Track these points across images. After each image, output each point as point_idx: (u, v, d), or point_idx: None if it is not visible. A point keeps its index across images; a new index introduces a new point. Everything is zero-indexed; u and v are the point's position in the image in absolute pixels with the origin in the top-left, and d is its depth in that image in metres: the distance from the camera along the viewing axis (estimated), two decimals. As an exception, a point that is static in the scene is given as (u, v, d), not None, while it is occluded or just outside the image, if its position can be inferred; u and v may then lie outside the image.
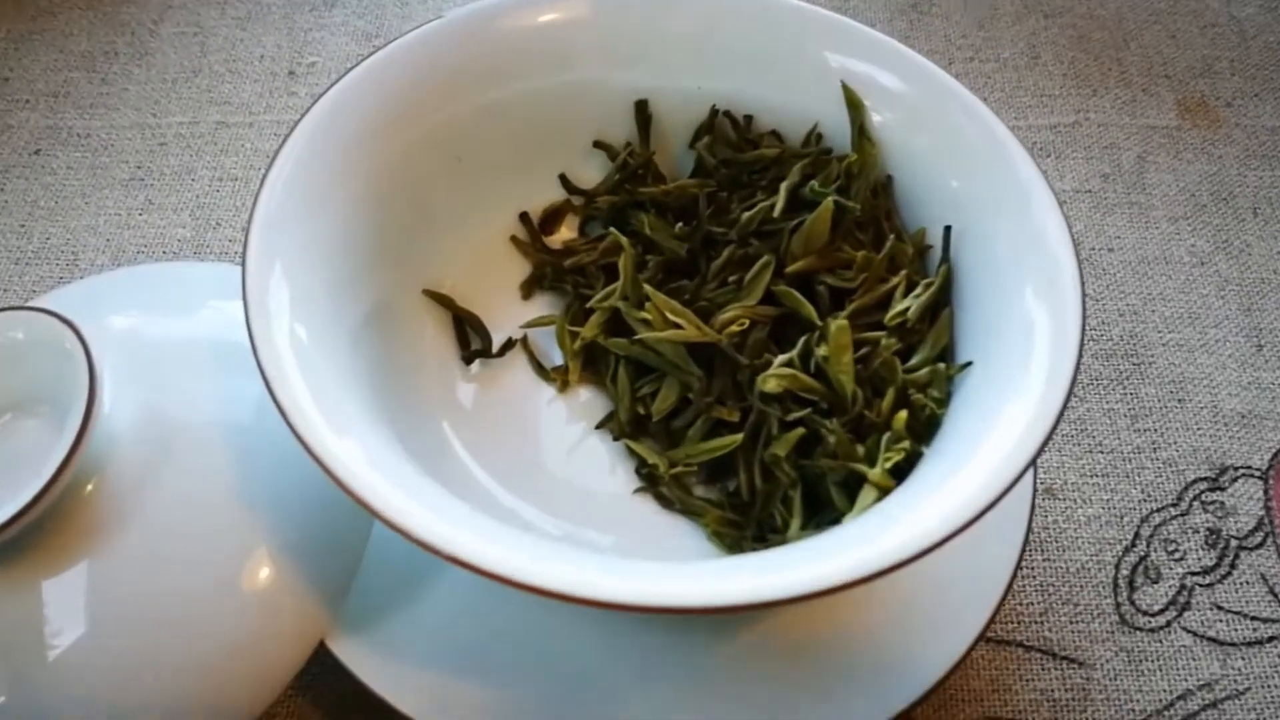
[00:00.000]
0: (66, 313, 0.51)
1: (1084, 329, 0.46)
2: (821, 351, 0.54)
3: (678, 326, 0.56)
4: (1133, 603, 0.61)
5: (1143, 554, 0.63)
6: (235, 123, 0.80)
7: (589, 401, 0.58)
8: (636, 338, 0.56)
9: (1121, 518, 0.63)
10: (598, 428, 0.59)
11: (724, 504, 0.55)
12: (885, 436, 0.51)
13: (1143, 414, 0.67)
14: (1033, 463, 0.45)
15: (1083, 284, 0.48)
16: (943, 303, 0.56)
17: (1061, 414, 0.44)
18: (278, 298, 0.47)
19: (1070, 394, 0.45)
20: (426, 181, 0.56)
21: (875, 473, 0.50)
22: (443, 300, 0.58)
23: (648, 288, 0.56)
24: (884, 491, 0.50)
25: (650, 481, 0.57)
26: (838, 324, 0.54)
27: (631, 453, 0.58)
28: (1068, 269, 0.48)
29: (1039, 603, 0.62)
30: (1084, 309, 0.47)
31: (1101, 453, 0.67)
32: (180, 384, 0.56)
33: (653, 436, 0.59)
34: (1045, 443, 0.44)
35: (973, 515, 0.42)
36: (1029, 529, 0.56)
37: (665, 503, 0.57)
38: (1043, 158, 0.80)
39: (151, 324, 0.59)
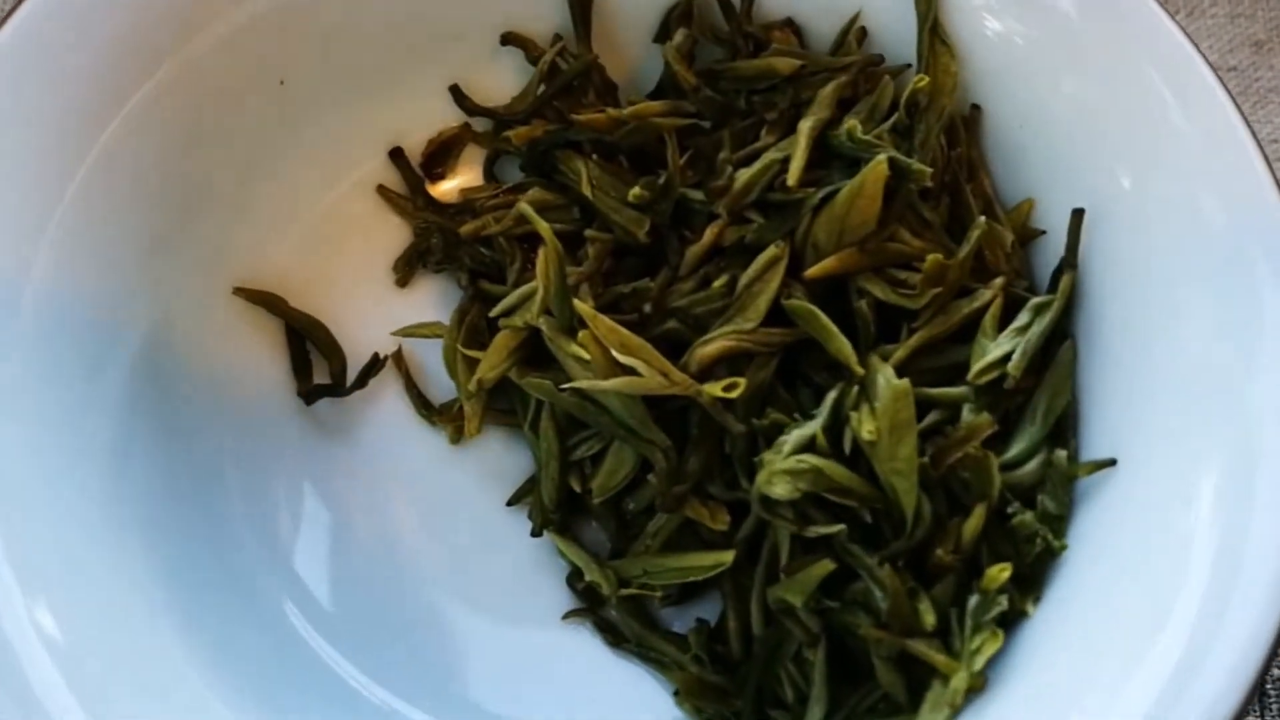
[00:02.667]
0: None
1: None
2: (864, 428, 0.33)
3: (630, 371, 0.34)
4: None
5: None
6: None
7: (499, 452, 0.41)
8: (569, 385, 0.35)
9: None
10: (511, 504, 0.39)
11: (702, 656, 0.36)
12: (972, 603, 0.31)
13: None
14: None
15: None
16: (1061, 332, 0.35)
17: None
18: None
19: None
20: (229, 120, 0.39)
21: (959, 677, 0.30)
22: (267, 302, 0.37)
23: (582, 307, 0.35)
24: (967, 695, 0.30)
25: (589, 600, 0.38)
26: (894, 386, 0.33)
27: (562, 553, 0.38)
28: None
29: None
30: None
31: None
32: None
33: (595, 519, 0.38)
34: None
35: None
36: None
37: (613, 636, 0.37)
38: (1167, 15, 0.57)
39: None
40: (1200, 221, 0.31)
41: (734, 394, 0.34)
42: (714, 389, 0.34)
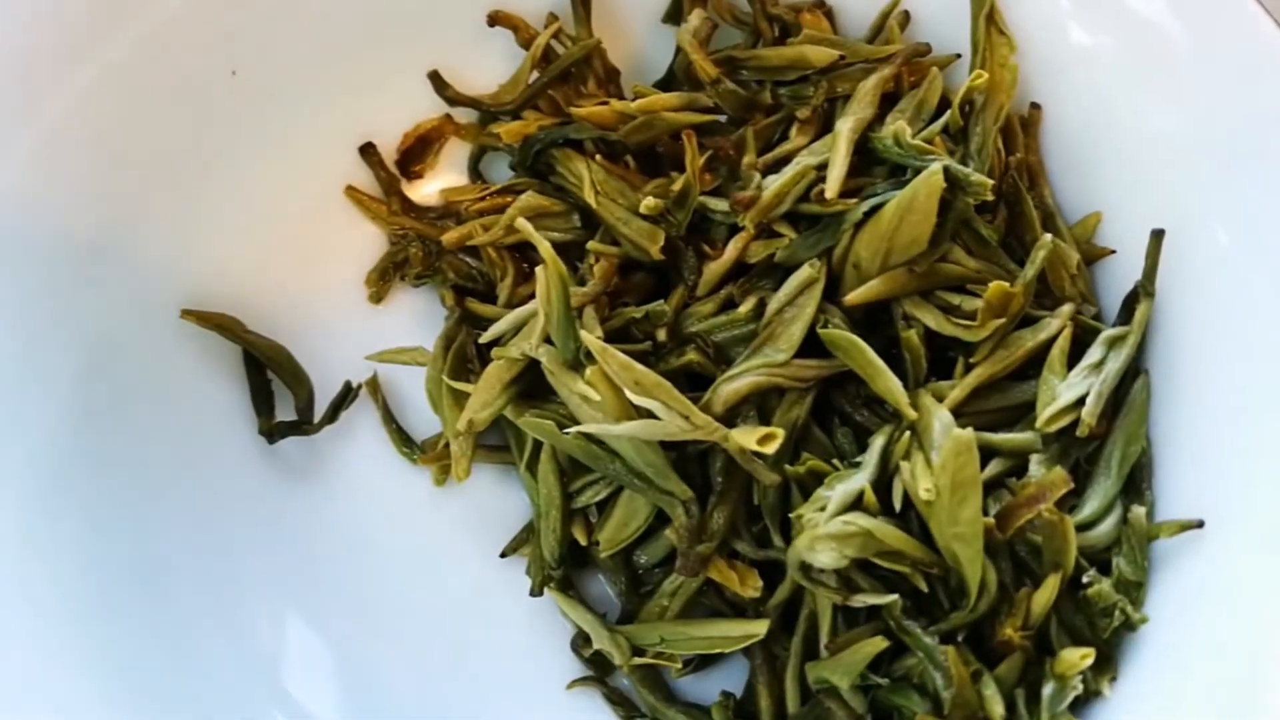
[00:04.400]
0: None
1: None
2: (921, 485, 0.29)
3: (646, 412, 0.30)
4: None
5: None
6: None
7: (489, 492, 0.36)
8: (576, 430, 0.31)
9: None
10: (505, 555, 0.34)
11: (729, 733, 0.32)
12: (1047, 692, 0.27)
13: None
14: None
15: None
16: (1135, 369, 0.30)
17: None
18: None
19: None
20: (171, 117, 0.34)
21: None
22: (222, 325, 0.32)
23: (590, 340, 0.30)
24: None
25: (598, 668, 0.33)
26: (955, 438, 0.29)
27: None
28: None
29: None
30: None
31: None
32: None
33: (602, 572, 0.34)
34: None
35: None
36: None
37: (625, 709, 0.33)
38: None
39: None
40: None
41: (769, 448, 0.29)
42: (745, 438, 0.30)
